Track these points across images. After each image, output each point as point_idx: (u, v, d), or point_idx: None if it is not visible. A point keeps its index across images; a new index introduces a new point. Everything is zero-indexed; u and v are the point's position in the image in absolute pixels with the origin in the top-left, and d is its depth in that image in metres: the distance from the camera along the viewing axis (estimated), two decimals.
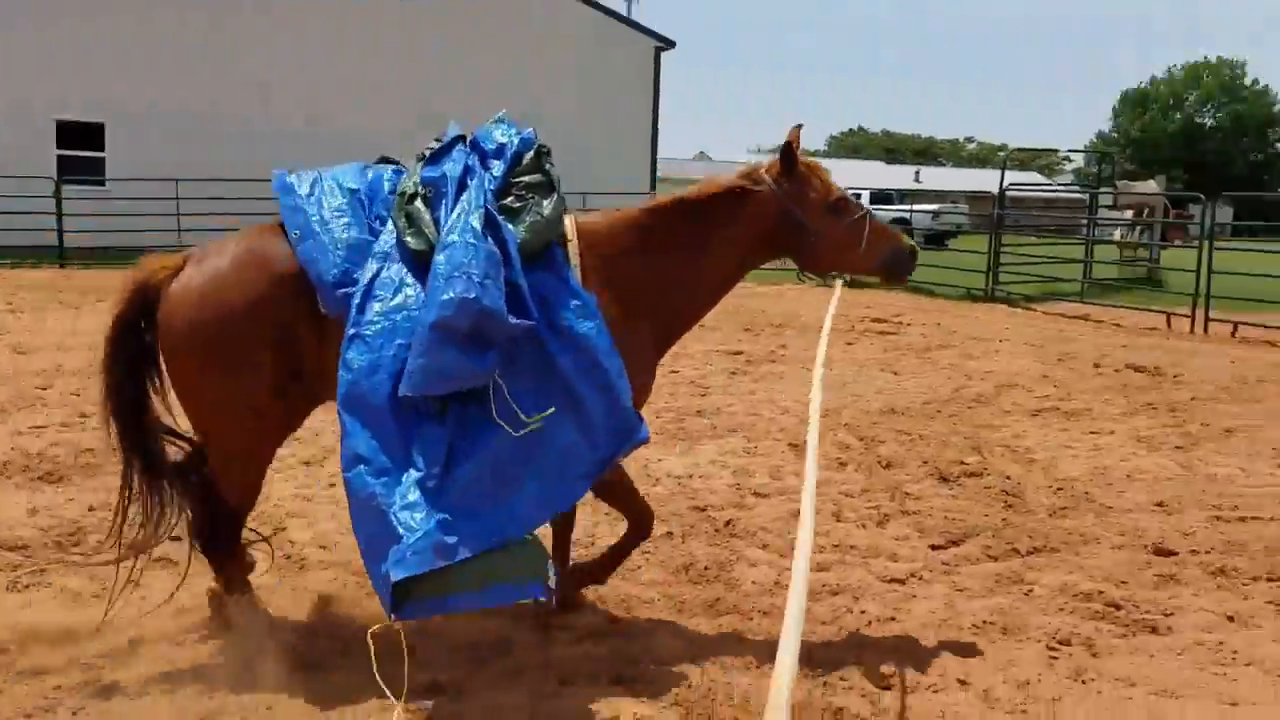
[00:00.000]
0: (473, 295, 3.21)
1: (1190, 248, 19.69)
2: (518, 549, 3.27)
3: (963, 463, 6.63)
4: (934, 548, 5.12)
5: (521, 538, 3.30)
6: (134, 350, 3.63)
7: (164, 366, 3.62)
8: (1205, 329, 14.21)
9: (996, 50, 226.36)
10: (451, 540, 3.11)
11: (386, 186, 3.71)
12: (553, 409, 3.35)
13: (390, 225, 3.56)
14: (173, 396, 3.77)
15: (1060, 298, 17.74)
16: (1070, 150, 69.79)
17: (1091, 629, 4.12)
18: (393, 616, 3.14)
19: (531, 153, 3.77)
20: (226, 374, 3.48)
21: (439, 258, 3.33)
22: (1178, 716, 3.41)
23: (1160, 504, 5.93)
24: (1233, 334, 13.75)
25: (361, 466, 3.21)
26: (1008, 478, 6.36)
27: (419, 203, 3.55)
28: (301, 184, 3.64)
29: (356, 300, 3.38)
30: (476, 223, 3.39)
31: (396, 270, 3.44)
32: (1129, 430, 7.89)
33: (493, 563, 3.19)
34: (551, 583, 3.32)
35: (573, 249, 3.68)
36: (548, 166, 3.78)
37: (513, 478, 3.31)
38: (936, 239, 31.12)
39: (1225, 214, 35.60)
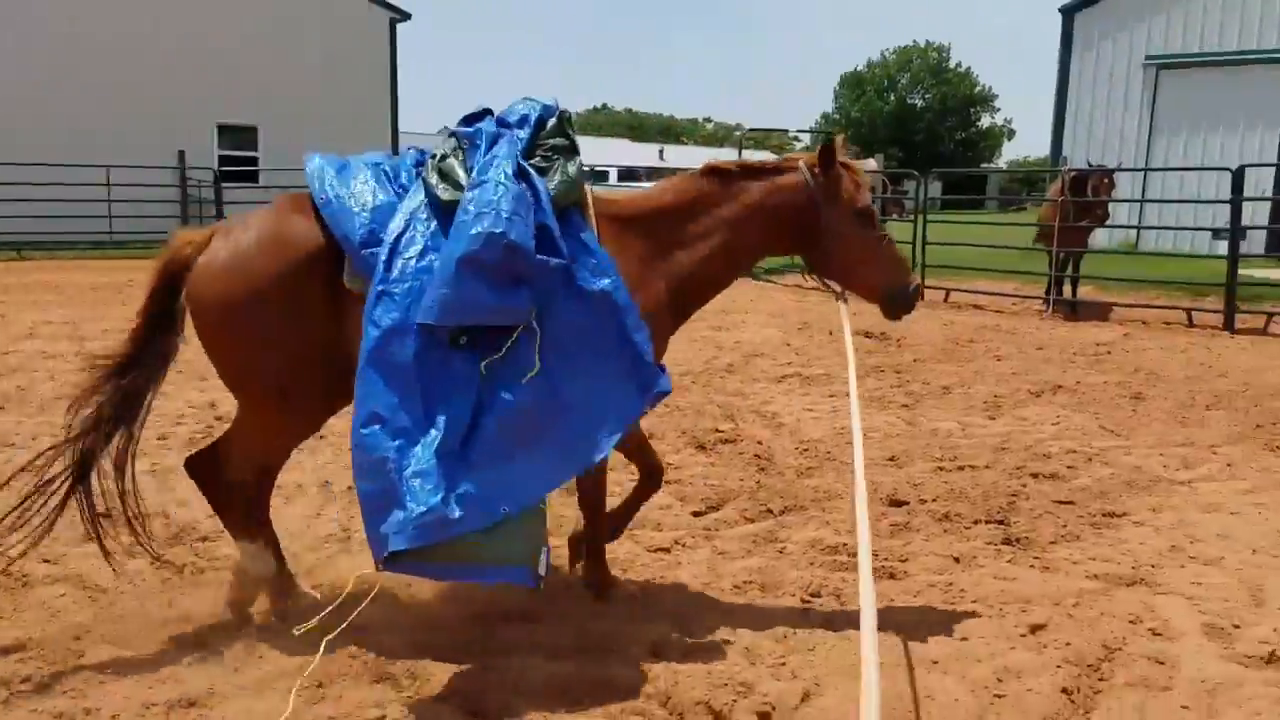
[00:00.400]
0: (500, 230, 3.29)
1: (907, 221, 21.32)
2: (516, 528, 3.27)
3: (718, 430, 6.93)
4: (695, 514, 5.33)
5: (529, 511, 3.30)
6: (161, 324, 3.66)
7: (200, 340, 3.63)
8: (922, 296, 15.39)
9: (732, 33, 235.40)
10: (455, 515, 3.15)
11: (410, 160, 3.81)
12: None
13: (416, 186, 3.63)
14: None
15: (798, 270, 18.72)
16: (799, 130, 73.67)
17: (839, 580, 4.42)
18: (380, 567, 3.22)
19: (555, 118, 3.87)
20: (252, 346, 3.53)
21: (468, 195, 3.42)
22: (918, 653, 3.73)
23: (892, 458, 6.44)
24: (945, 299, 15.04)
25: (377, 426, 3.23)
26: (759, 442, 6.70)
27: (452, 159, 3.67)
28: (330, 164, 3.69)
29: (383, 257, 3.40)
30: (509, 168, 3.50)
31: (424, 228, 3.48)
32: (861, 391, 8.49)
33: (489, 540, 3.23)
34: (542, 569, 3.31)
35: (589, 213, 3.74)
36: (570, 131, 3.90)
37: (536, 434, 3.34)
38: None
39: (935, 189, 38.77)
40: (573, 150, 3.81)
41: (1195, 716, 3.34)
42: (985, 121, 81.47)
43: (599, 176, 32.03)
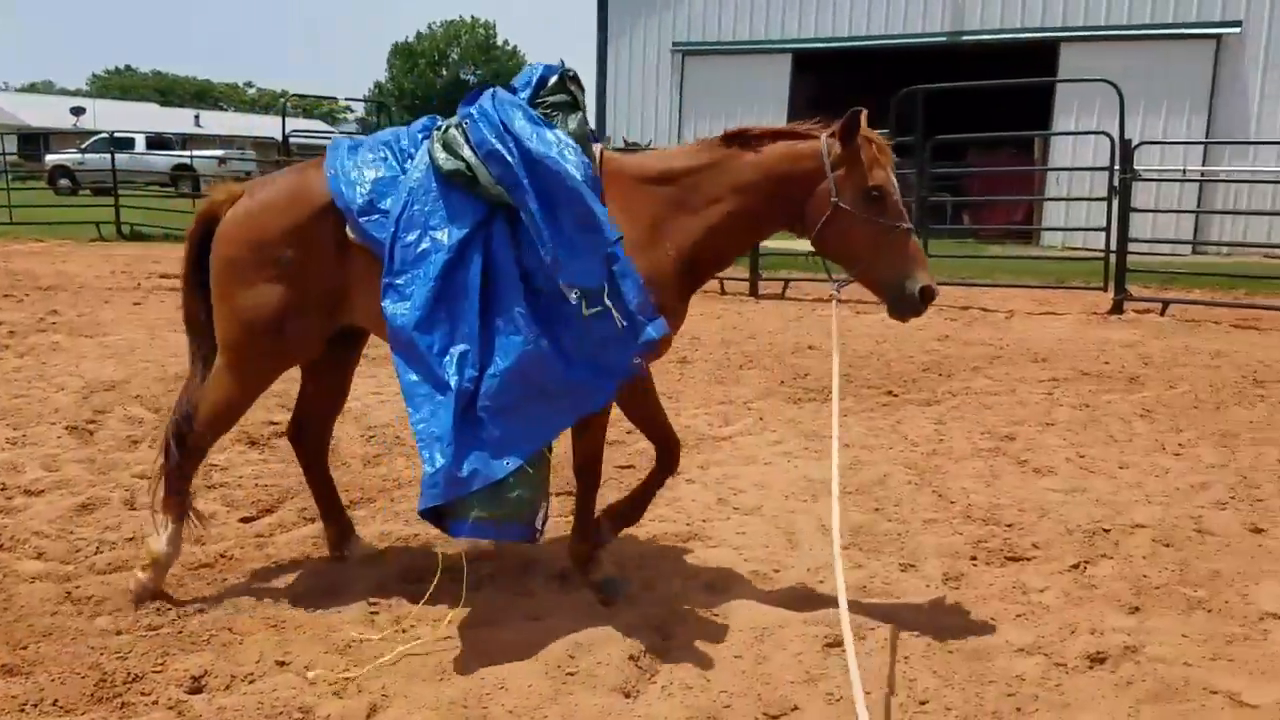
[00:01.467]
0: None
1: None
2: (520, 483, 3.53)
3: (272, 422, 6.39)
4: (245, 520, 4.85)
5: (533, 463, 3.56)
6: (202, 270, 3.95)
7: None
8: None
9: None
10: (464, 473, 3.44)
11: (419, 127, 3.96)
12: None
13: (421, 154, 3.78)
14: None
15: None
16: (350, 99, 71.55)
17: (414, 577, 4.21)
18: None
19: (556, 77, 3.90)
20: (259, 287, 3.75)
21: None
22: (489, 643, 3.62)
23: None
24: None
25: (416, 396, 3.56)
26: None
27: (454, 130, 3.77)
28: (345, 142, 3.95)
29: (388, 243, 3.64)
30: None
31: (422, 206, 3.66)
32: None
33: (496, 497, 3.51)
34: (539, 523, 3.65)
35: (594, 170, 3.72)
36: (572, 89, 3.90)
37: (539, 385, 3.54)
38: None
39: None
40: (574, 106, 3.88)
41: (747, 664, 3.54)
42: None
43: (123, 144, 28.74)
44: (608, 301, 3.51)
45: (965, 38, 21.67)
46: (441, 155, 3.70)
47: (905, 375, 8.40)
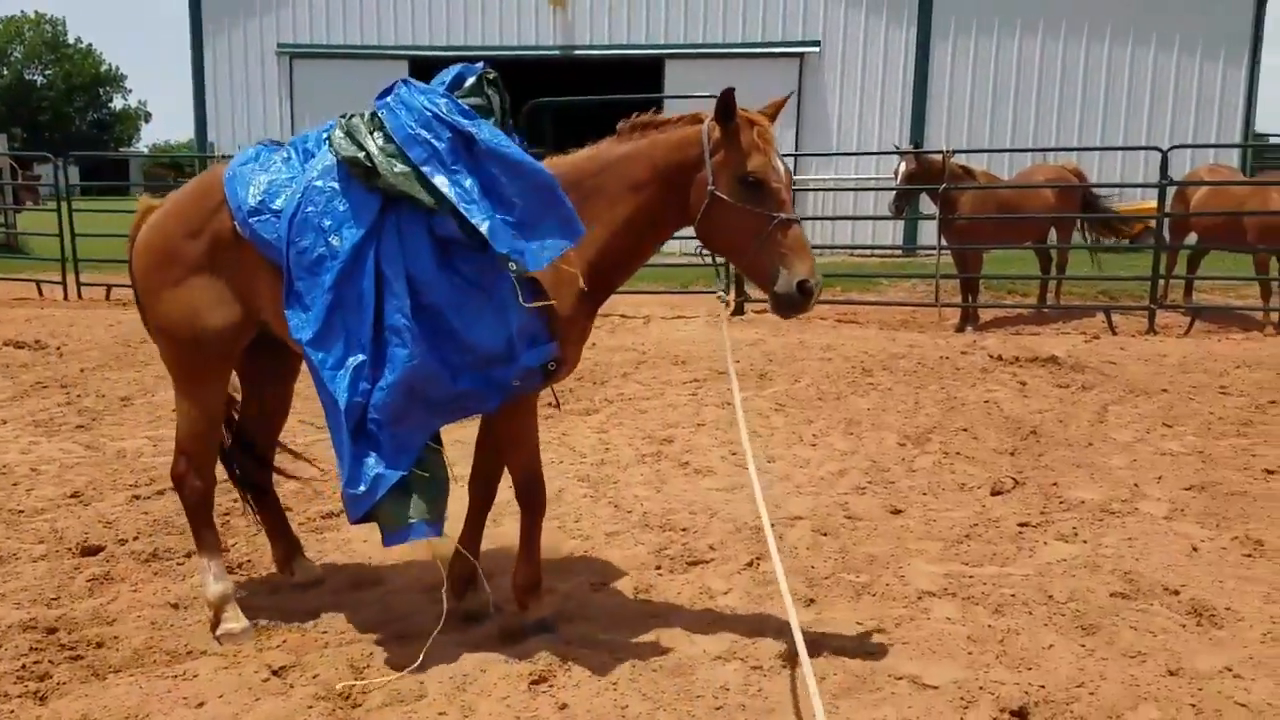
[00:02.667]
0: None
1: (48, 210, 18.93)
2: (414, 488, 3.52)
3: None
4: None
5: (426, 463, 3.56)
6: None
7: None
8: (80, 294, 13.85)
9: None
10: (360, 490, 3.45)
11: (328, 126, 3.77)
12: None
13: (320, 154, 3.69)
14: None
15: None
16: None
17: (45, 668, 3.54)
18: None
19: (474, 78, 3.73)
20: (171, 292, 3.77)
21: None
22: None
23: (75, 495, 5.49)
24: (106, 297, 13.67)
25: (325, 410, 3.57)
26: None
27: (359, 119, 3.66)
28: (258, 149, 3.92)
29: (279, 242, 3.56)
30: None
31: (315, 209, 3.54)
32: (23, 415, 7.17)
33: (400, 504, 3.50)
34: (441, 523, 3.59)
35: None
36: (489, 92, 3.72)
37: (423, 394, 3.46)
38: None
39: (74, 174, 35.28)
40: (488, 110, 3.68)
41: (453, 718, 3.33)
42: (118, 103, 76.80)
43: None
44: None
45: (577, 52, 22.38)
46: (342, 141, 3.58)
47: (561, 385, 8.43)
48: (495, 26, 22.70)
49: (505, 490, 5.09)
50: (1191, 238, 12.28)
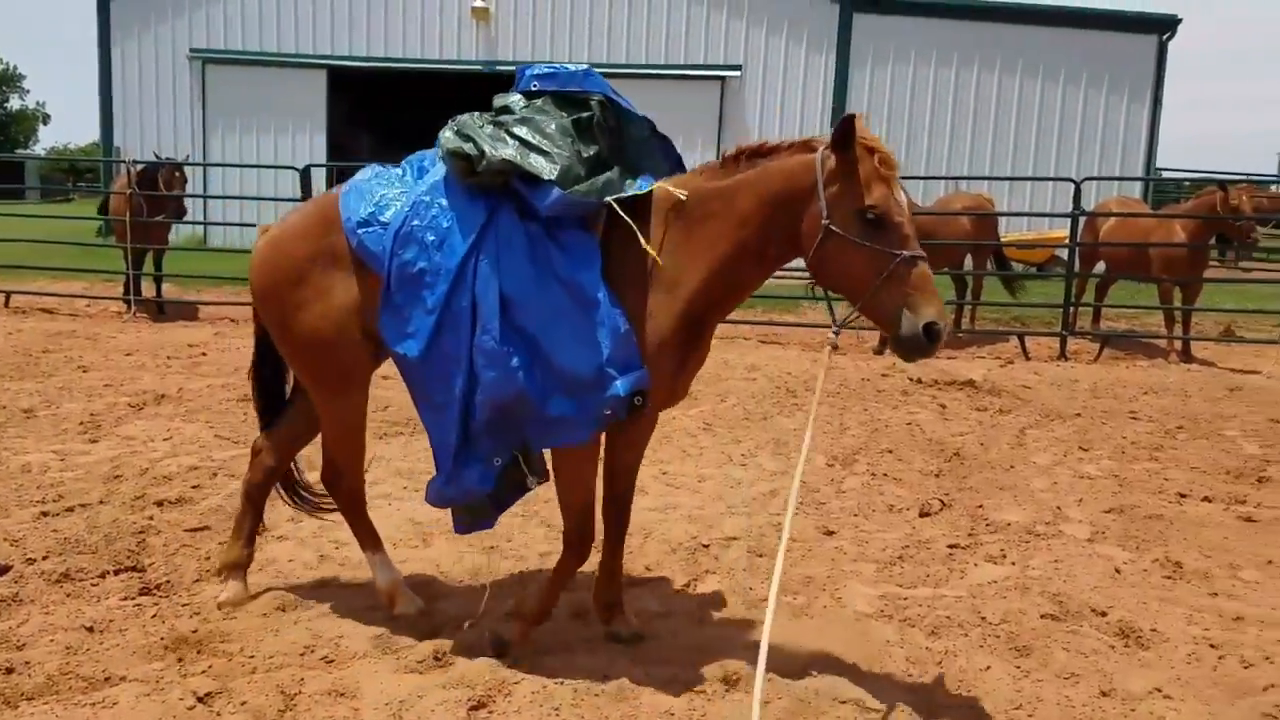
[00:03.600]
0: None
1: None
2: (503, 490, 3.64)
3: None
4: None
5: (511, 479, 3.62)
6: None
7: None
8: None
9: None
10: (454, 490, 3.60)
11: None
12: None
13: (432, 170, 3.73)
14: None
15: None
16: None
17: None
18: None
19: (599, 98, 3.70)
20: (298, 312, 3.76)
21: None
22: None
23: None
24: (5, 304, 13.10)
25: (425, 413, 3.65)
26: None
27: (469, 116, 3.70)
28: (380, 167, 3.94)
29: (383, 253, 3.57)
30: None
31: (421, 223, 3.56)
32: None
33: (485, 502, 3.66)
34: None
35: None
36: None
37: (513, 418, 3.48)
38: None
39: None
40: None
41: None
42: (15, 104, 73.95)
43: None
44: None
45: (500, 67, 22.27)
46: (448, 135, 3.61)
47: None
48: (417, 38, 22.45)
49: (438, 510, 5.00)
50: (1100, 266, 12.68)
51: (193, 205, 19.08)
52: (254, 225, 18.38)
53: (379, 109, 25.24)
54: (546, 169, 3.47)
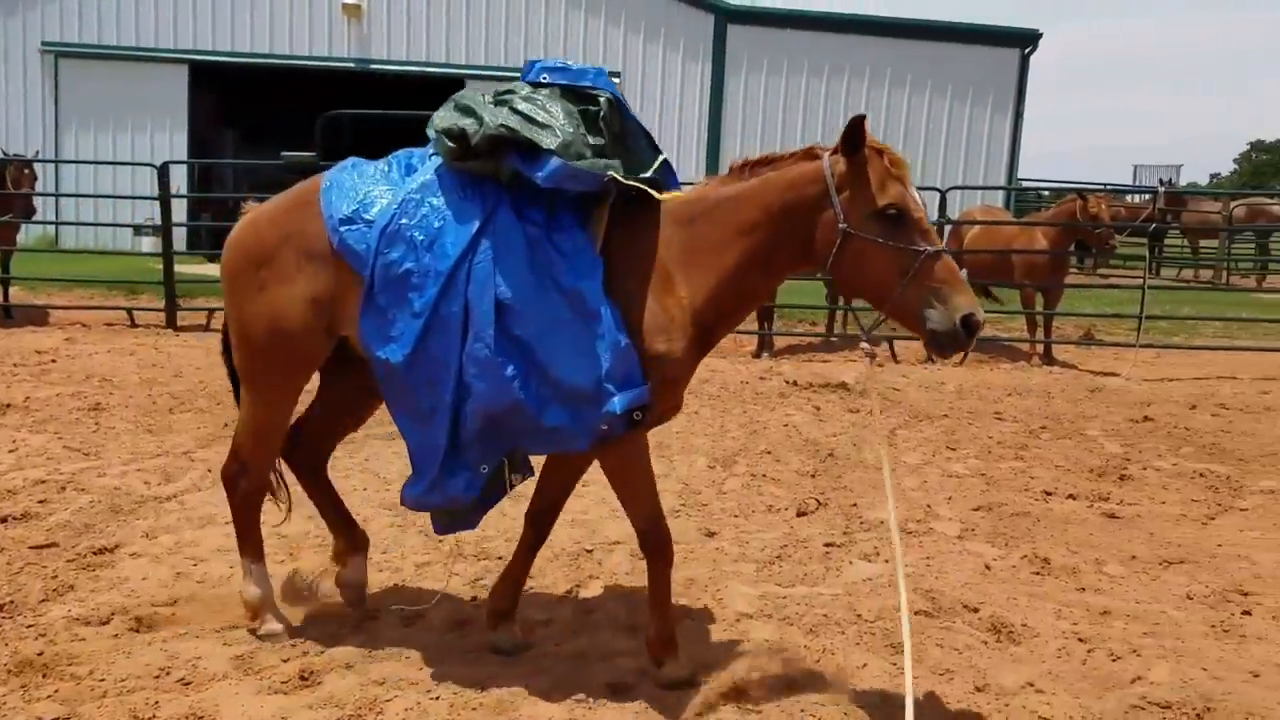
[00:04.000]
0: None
1: None
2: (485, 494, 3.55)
3: None
4: None
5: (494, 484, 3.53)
6: None
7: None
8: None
9: None
10: (448, 494, 3.47)
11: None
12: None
13: (422, 169, 3.62)
14: None
15: None
16: None
17: None
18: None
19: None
20: (257, 295, 3.62)
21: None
22: None
23: None
24: None
25: (404, 422, 3.51)
26: None
27: (474, 93, 3.63)
28: (358, 162, 3.75)
29: (367, 253, 3.43)
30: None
31: (409, 221, 3.44)
32: None
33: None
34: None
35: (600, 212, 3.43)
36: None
37: (504, 426, 3.39)
38: None
39: None
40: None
41: None
42: None
43: None
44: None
45: (374, 66, 21.79)
46: (442, 114, 3.52)
47: None
48: (285, 34, 21.78)
49: (304, 521, 4.80)
50: (964, 274, 13.11)
51: (43, 204, 18.14)
52: (110, 225, 17.65)
53: (246, 106, 24.36)
54: (547, 140, 3.33)
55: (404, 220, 3.44)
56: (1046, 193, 26.27)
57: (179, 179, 19.09)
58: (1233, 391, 9.98)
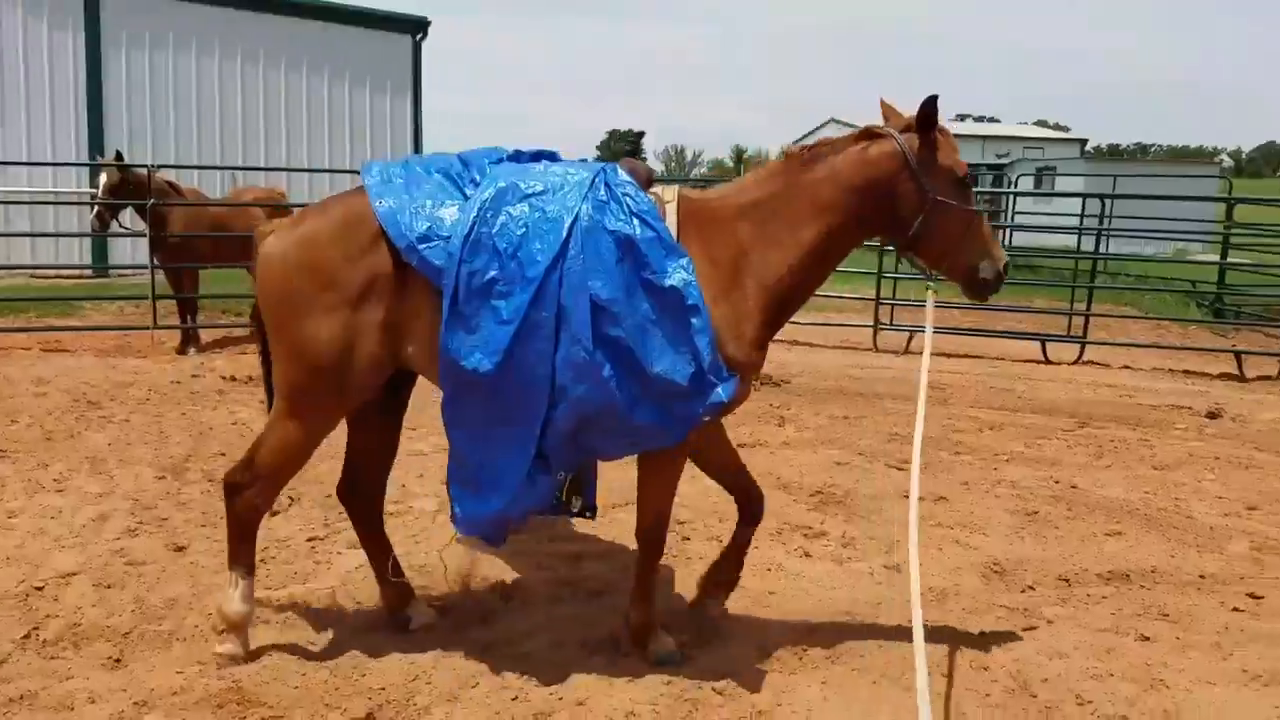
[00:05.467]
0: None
1: None
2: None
3: None
4: None
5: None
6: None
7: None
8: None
9: None
10: (519, 512, 3.67)
11: (483, 157, 3.78)
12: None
13: (488, 180, 3.61)
14: None
15: None
16: None
17: None
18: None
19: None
20: (318, 317, 3.50)
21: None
22: None
23: None
24: None
25: (475, 437, 3.57)
26: None
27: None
28: (392, 171, 3.71)
29: (449, 266, 3.43)
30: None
31: (489, 230, 3.48)
32: None
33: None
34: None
35: (670, 209, 3.62)
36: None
37: (599, 428, 3.52)
38: None
39: None
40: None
41: None
42: None
43: None
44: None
45: None
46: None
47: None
48: None
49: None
50: None
51: None
52: None
53: None
54: None
55: (483, 229, 3.48)
56: None
57: None
58: None
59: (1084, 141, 68.95)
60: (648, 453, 3.70)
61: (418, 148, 21.66)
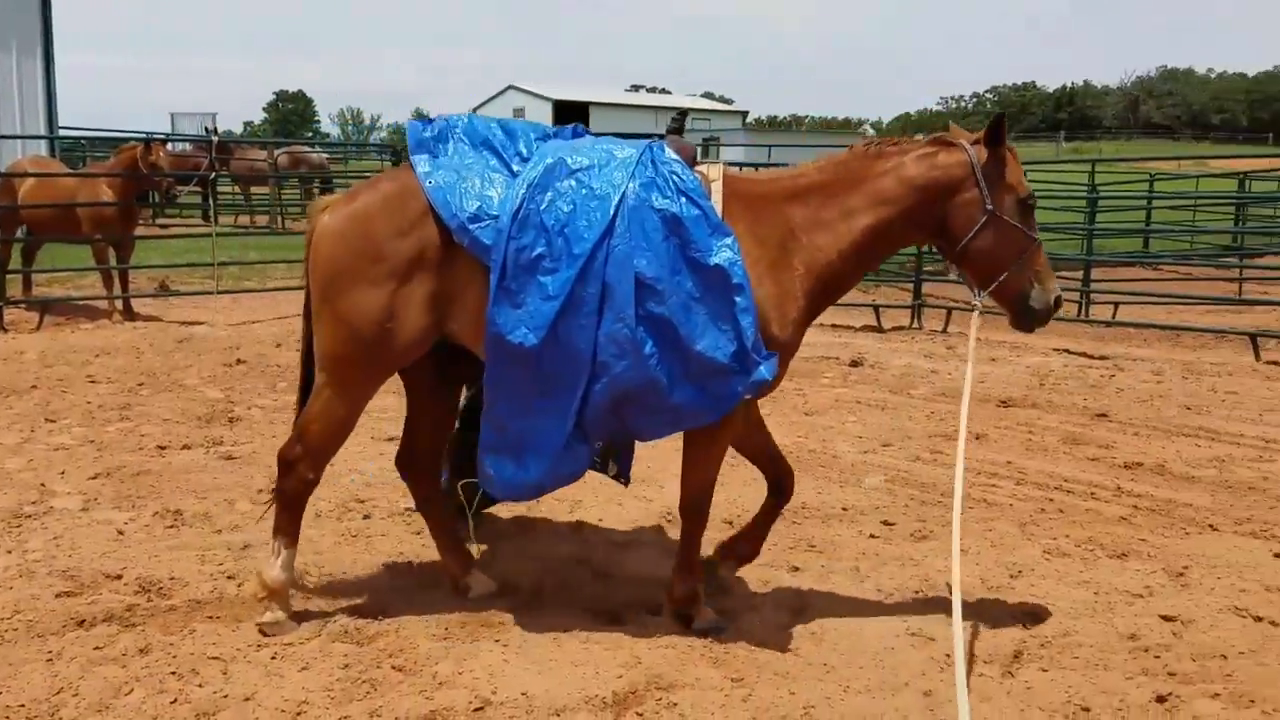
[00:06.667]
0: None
1: None
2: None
3: None
4: None
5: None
6: None
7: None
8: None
9: None
10: (552, 480, 3.79)
11: (531, 128, 3.87)
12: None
13: (537, 157, 3.67)
14: None
15: None
16: None
17: None
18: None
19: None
20: (363, 289, 3.57)
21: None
22: None
23: None
24: None
25: (516, 408, 3.64)
26: None
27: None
28: (433, 131, 3.81)
29: (498, 243, 3.49)
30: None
31: (536, 207, 3.52)
32: None
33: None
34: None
35: (716, 188, 3.67)
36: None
37: (637, 404, 3.59)
38: None
39: None
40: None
41: None
42: None
43: None
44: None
45: None
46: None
47: None
48: None
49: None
50: (22, 230, 12.02)
51: None
52: None
53: None
54: None
55: (531, 206, 3.52)
56: (84, 141, 25.04)
57: None
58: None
59: (745, 114, 73.46)
60: (706, 430, 3.75)
61: (52, 113, 19.47)
